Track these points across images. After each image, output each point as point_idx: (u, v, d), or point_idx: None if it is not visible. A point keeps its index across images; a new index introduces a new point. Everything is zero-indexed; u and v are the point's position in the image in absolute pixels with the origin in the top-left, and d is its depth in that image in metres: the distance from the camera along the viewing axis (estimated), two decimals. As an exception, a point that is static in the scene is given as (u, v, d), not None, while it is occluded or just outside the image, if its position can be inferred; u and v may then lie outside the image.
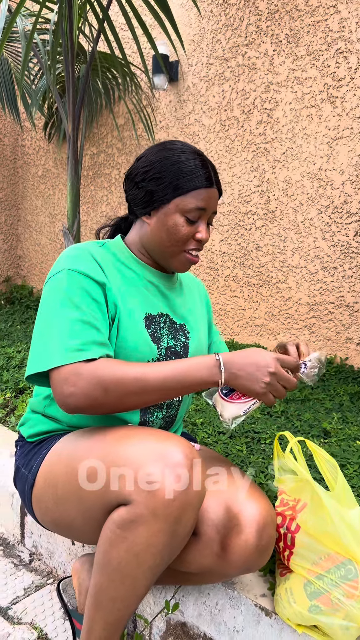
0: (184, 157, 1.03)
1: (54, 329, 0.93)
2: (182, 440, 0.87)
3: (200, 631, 1.09)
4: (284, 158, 2.88)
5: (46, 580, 1.39)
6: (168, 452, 0.83)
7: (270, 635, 1.00)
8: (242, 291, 3.17)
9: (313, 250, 2.81)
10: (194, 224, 1.05)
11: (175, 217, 1.03)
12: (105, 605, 0.88)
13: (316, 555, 0.98)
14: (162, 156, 1.04)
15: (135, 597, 0.87)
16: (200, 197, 1.03)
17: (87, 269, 0.99)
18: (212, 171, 1.06)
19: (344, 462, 1.60)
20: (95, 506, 0.88)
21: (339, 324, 2.75)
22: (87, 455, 0.91)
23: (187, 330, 1.15)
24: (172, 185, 1.02)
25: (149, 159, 1.05)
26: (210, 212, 1.07)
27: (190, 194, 1.02)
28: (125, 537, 0.82)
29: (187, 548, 0.95)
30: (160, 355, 1.07)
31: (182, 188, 1.02)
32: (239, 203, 3.10)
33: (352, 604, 0.92)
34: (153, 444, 0.85)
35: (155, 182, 1.03)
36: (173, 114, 3.39)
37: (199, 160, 1.04)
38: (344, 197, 2.66)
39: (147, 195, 1.04)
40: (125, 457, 0.84)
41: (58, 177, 4.26)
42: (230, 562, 0.94)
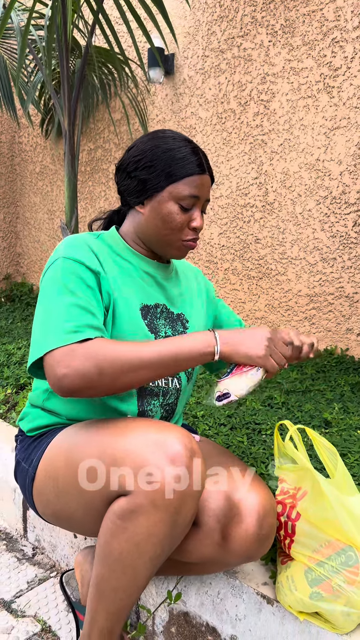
0: (176, 145, 1.03)
1: (51, 316, 0.93)
2: (182, 431, 0.87)
3: (203, 620, 1.10)
4: (281, 149, 2.87)
5: (49, 574, 1.40)
6: (167, 442, 0.83)
7: (272, 623, 1.00)
8: (241, 284, 3.16)
9: (312, 242, 2.80)
10: (188, 211, 1.04)
11: (169, 205, 1.03)
12: (107, 596, 0.88)
13: (317, 543, 0.98)
14: (153, 144, 1.04)
15: (136, 587, 0.87)
16: (193, 184, 1.03)
17: (82, 256, 0.99)
18: (203, 158, 1.06)
19: (345, 452, 1.60)
20: (95, 498, 0.88)
21: (339, 314, 2.75)
22: (87, 448, 0.91)
23: (185, 320, 1.15)
24: (164, 173, 1.02)
25: (140, 148, 1.05)
26: (204, 199, 1.06)
27: (183, 181, 1.02)
28: (125, 527, 0.82)
29: (188, 538, 0.96)
30: None
31: (175, 175, 1.02)
32: (237, 196, 3.10)
33: (353, 590, 0.92)
34: (152, 435, 0.85)
35: (147, 170, 1.03)
36: (169, 108, 3.38)
37: (190, 147, 1.04)
38: (342, 187, 2.65)
39: (140, 184, 1.04)
40: (125, 449, 0.84)
41: (56, 174, 4.25)
42: (231, 551, 0.94)
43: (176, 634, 1.14)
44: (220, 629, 1.07)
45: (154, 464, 0.81)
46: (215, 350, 0.94)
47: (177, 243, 1.07)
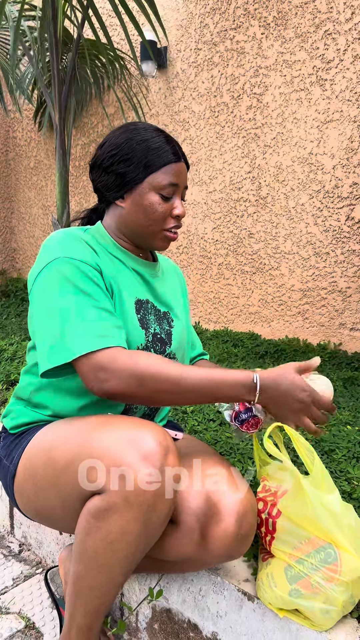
0: (149, 135, 1.03)
1: (67, 317, 0.92)
2: (157, 428, 0.86)
3: (185, 617, 1.10)
4: (274, 143, 2.85)
5: (35, 570, 1.40)
6: (141, 440, 0.83)
7: (253, 620, 1.00)
8: (235, 279, 3.15)
9: (305, 236, 2.79)
10: (169, 200, 1.04)
11: (150, 196, 1.02)
12: (84, 594, 0.88)
13: (297, 540, 0.97)
14: (127, 137, 1.03)
15: (113, 585, 0.87)
16: (171, 172, 1.03)
17: (82, 254, 0.98)
18: (177, 145, 1.06)
19: (333, 447, 1.60)
20: (72, 496, 0.88)
21: (332, 309, 2.74)
22: (64, 445, 0.91)
23: (170, 318, 1.15)
24: (142, 164, 1.01)
25: (114, 142, 1.04)
26: (182, 187, 1.06)
27: (161, 170, 1.02)
28: (99, 526, 0.82)
29: (166, 537, 0.95)
30: (147, 342, 1.06)
31: (153, 165, 1.02)
32: (231, 190, 3.08)
33: (332, 587, 0.91)
34: (126, 432, 0.84)
35: (124, 163, 1.02)
36: (162, 102, 3.35)
37: (163, 137, 1.04)
38: (335, 181, 2.64)
39: (118, 178, 1.03)
40: (99, 446, 0.84)
41: (50, 168, 4.23)
42: (210, 551, 0.93)
43: (159, 631, 1.14)
44: (202, 625, 1.07)
45: (127, 462, 0.81)
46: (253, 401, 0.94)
47: (160, 234, 1.06)
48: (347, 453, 1.57)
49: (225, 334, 3.06)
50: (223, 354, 2.70)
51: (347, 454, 1.57)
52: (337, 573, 0.92)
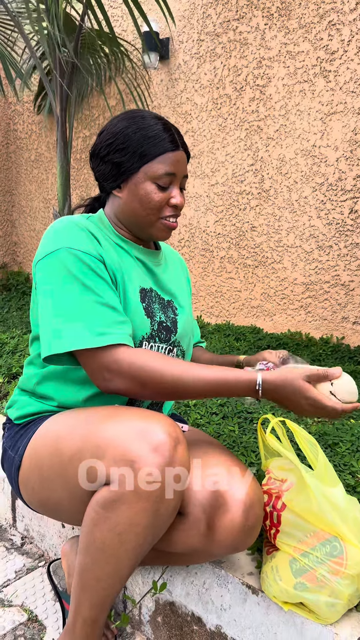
0: (146, 124, 1.01)
1: (71, 310, 0.92)
2: (166, 419, 0.85)
3: (189, 610, 1.09)
4: (277, 135, 2.83)
5: (37, 563, 1.39)
6: (151, 431, 0.82)
7: (257, 613, 1.00)
8: (237, 272, 3.13)
9: (308, 229, 2.77)
10: (166, 190, 1.03)
11: (146, 186, 1.01)
12: (90, 586, 0.87)
13: (302, 533, 0.96)
14: (123, 126, 1.01)
15: (119, 577, 0.86)
16: (168, 161, 1.01)
17: (86, 245, 0.97)
18: (176, 134, 1.04)
19: (336, 441, 1.59)
20: (79, 487, 0.87)
21: (335, 303, 2.73)
22: (71, 437, 0.90)
23: (174, 307, 1.14)
24: (137, 154, 1.00)
25: (111, 131, 1.03)
26: (181, 176, 1.05)
27: (157, 160, 1.00)
28: (108, 516, 0.81)
29: (173, 528, 0.95)
30: (152, 330, 1.06)
31: (148, 154, 1.00)
32: (233, 183, 3.06)
33: (337, 581, 0.91)
34: (135, 423, 0.83)
35: (120, 152, 1.01)
36: (165, 93, 3.33)
37: (161, 124, 1.02)
38: (339, 174, 2.62)
39: (114, 168, 1.02)
40: (108, 437, 0.83)
41: (51, 161, 4.20)
42: (217, 542, 0.93)
43: (162, 624, 1.14)
44: (206, 618, 1.06)
45: (136, 453, 0.80)
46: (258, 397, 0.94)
47: (157, 223, 1.05)
48: (350, 446, 1.56)
49: (227, 328, 3.05)
50: (225, 347, 2.69)
51: (351, 447, 1.56)
52: (343, 566, 0.91)
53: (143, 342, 1.03)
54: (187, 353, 1.17)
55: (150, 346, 1.05)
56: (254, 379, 0.92)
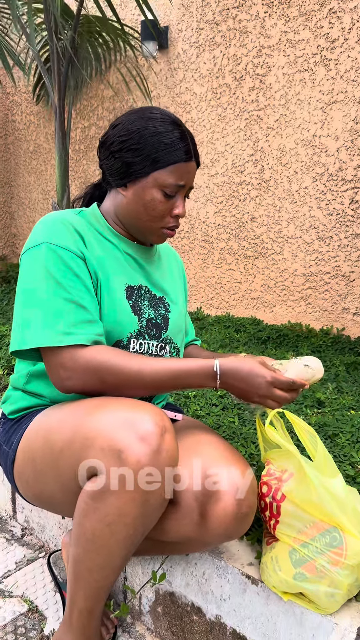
0: (164, 128, 0.99)
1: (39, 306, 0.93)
2: (153, 408, 0.85)
3: (188, 600, 1.09)
4: (277, 125, 2.80)
5: (38, 554, 1.39)
6: (137, 420, 0.82)
7: (257, 603, 1.00)
8: (237, 264, 3.12)
9: (308, 220, 2.75)
10: (172, 198, 1.02)
11: (153, 192, 1.00)
12: (84, 577, 0.87)
13: (302, 524, 0.96)
14: (140, 125, 0.99)
15: (112, 567, 0.87)
16: (179, 172, 1.00)
17: (66, 241, 0.96)
18: (191, 143, 1.02)
19: (336, 432, 1.59)
20: (71, 478, 0.87)
21: (335, 294, 2.72)
22: (61, 429, 0.90)
23: (167, 303, 1.13)
24: (150, 158, 0.98)
25: (127, 127, 1.00)
26: (188, 187, 1.04)
27: (169, 168, 0.99)
28: (97, 507, 0.82)
29: (165, 517, 0.95)
30: (141, 327, 1.05)
31: (161, 161, 0.99)
32: (233, 173, 3.04)
33: (337, 571, 0.91)
34: (123, 413, 0.84)
35: (133, 153, 0.99)
36: (164, 83, 3.30)
37: (179, 132, 1.00)
38: (339, 164, 2.60)
39: (123, 167, 1.01)
40: (96, 428, 0.83)
41: (50, 152, 4.18)
42: (210, 530, 0.93)
43: (162, 614, 1.14)
44: (205, 609, 1.07)
45: (123, 442, 0.80)
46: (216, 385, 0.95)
47: (157, 231, 1.06)
48: (350, 437, 1.56)
49: (227, 320, 3.05)
50: (225, 339, 2.68)
51: (351, 438, 1.56)
52: (343, 557, 0.91)
53: (131, 340, 1.03)
54: (181, 350, 1.17)
55: (139, 343, 1.05)
56: (212, 364, 0.94)
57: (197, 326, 3.00)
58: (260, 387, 0.93)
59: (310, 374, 1.00)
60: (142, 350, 1.06)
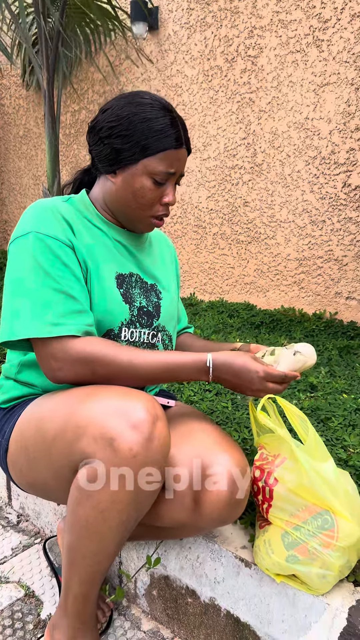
0: (154, 114, 0.97)
1: (27, 296, 0.92)
2: (145, 396, 0.85)
3: (183, 584, 1.11)
4: (269, 108, 2.78)
5: (34, 540, 1.41)
6: (129, 408, 0.82)
7: (250, 586, 1.01)
8: (230, 249, 3.11)
9: (301, 204, 2.74)
10: (162, 186, 1.01)
11: (143, 179, 0.99)
12: (78, 563, 0.88)
13: (294, 507, 0.97)
14: (130, 111, 0.98)
15: (105, 554, 0.87)
16: (169, 159, 0.99)
17: (54, 230, 0.95)
18: (182, 129, 1.01)
19: (329, 416, 1.60)
20: (63, 466, 0.88)
21: (328, 278, 2.72)
22: (53, 417, 0.90)
23: (158, 290, 1.13)
24: (140, 145, 0.97)
25: (116, 113, 0.99)
26: (179, 174, 1.03)
27: (159, 156, 0.98)
28: (90, 494, 0.82)
29: (159, 503, 0.95)
30: (132, 316, 1.05)
31: (151, 148, 0.97)
32: (225, 157, 3.01)
33: (328, 553, 0.92)
34: (114, 401, 0.84)
35: (122, 139, 0.98)
36: (154, 65, 3.25)
37: (169, 118, 0.98)
38: (332, 147, 2.58)
39: (112, 153, 0.99)
40: (87, 416, 0.83)
41: (40, 137, 4.12)
42: (204, 516, 0.93)
43: (157, 597, 1.16)
44: (200, 591, 1.08)
45: (115, 430, 0.80)
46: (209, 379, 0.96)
47: (146, 219, 1.05)
48: (343, 421, 1.57)
49: (221, 305, 3.04)
50: (219, 324, 2.69)
51: (343, 421, 1.57)
52: (334, 539, 0.92)
53: (122, 328, 1.03)
54: (173, 337, 1.17)
55: (131, 332, 1.04)
56: (204, 358, 0.95)
57: (190, 312, 3.00)
58: (252, 382, 0.94)
59: (302, 362, 1.01)
60: (133, 339, 1.06)
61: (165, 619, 1.15)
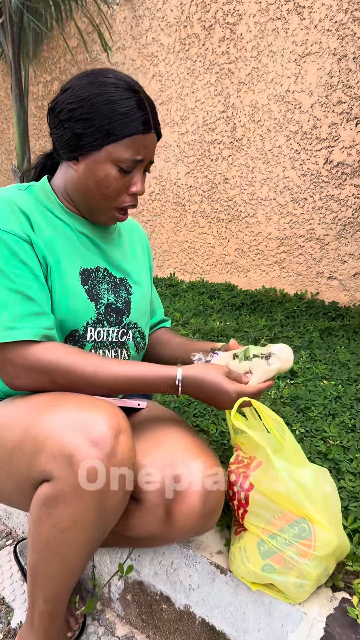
0: (118, 96, 0.88)
1: None
2: (108, 408, 0.80)
3: (157, 590, 1.07)
4: (249, 80, 2.66)
5: (5, 542, 1.36)
6: (90, 421, 0.77)
7: (225, 593, 0.98)
8: (210, 227, 3.03)
9: (282, 181, 2.66)
10: (128, 174, 0.92)
11: (107, 167, 0.91)
12: (42, 582, 0.84)
13: (270, 514, 0.93)
14: (91, 92, 0.88)
15: (69, 572, 0.83)
16: (136, 145, 0.90)
17: (10, 224, 0.88)
18: (151, 112, 0.92)
19: (309, 405, 1.56)
20: (24, 481, 0.82)
21: (310, 258, 2.66)
22: (12, 425, 0.85)
23: (128, 285, 1.06)
24: (103, 130, 0.88)
25: (77, 94, 0.89)
26: (147, 161, 0.94)
27: (124, 141, 0.89)
28: (50, 514, 0.77)
29: (129, 514, 0.91)
30: (99, 314, 0.98)
31: (115, 134, 0.89)
32: (204, 131, 2.90)
33: (305, 562, 0.88)
34: (75, 413, 0.78)
35: (83, 123, 0.89)
36: (129, 33, 3.09)
37: (135, 100, 0.89)
38: (313, 121, 2.49)
39: (73, 138, 0.90)
40: (46, 429, 0.77)
41: (11, 109, 3.94)
42: (175, 527, 0.89)
43: (132, 602, 1.12)
44: (174, 598, 1.05)
45: (74, 446, 0.75)
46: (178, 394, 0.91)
47: (110, 211, 0.97)
48: (322, 410, 1.54)
49: (201, 286, 2.98)
50: (199, 306, 2.62)
51: (323, 411, 1.54)
52: (311, 548, 0.89)
53: (88, 328, 0.96)
54: (146, 333, 1.10)
55: (97, 332, 0.98)
56: (174, 374, 0.89)
57: (170, 293, 2.93)
58: (224, 402, 0.91)
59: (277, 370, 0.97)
60: (100, 338, 1.00)
61: (140, 623, 1.12)
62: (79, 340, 0.97)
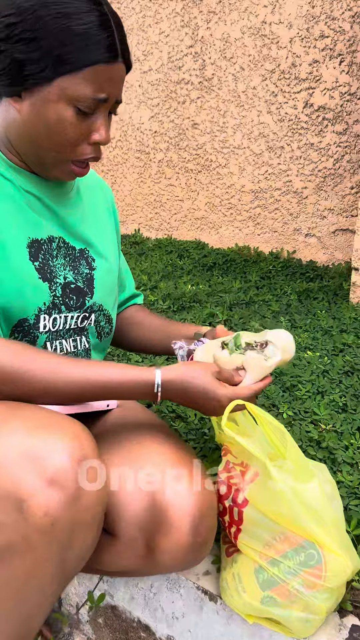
0: (74, 8, 0.65)
1: None
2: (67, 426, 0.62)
3: (134, 616, 0.92)
4: (220, 8, 2.35)
5: None
6: (45, 451, 0.59)
7: (216, 623, 0.84)
8: (178, 178, 2.77)
9: (257, 127, 2.42)
10: (89, 117, 0.70)
11: (60, 108, 0.68)
12: None
13: (269, 535, 0.78)
14: (37, 1, 0.64)
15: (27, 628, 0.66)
16: (99, 79, 0.68)
17: None
18: (118, 33, 0.68)
19: (295, 382, 1.42)
20: None
21: (287, 213, 2.46)
22: None
23: (90, 258, 0.85)
24: (53, 56, 0.65)
25: (17, 3, 0.65)
26: (114, 99, 0.71)
27: (82, 73, 0.67)
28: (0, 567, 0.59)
29: (103, 550, 0.74)
30: (54, 297, 0.78)
31: (70, 62, 0.66)
32: (170, 69, 2.60)
33: (313, 595, 0.74)
34: (24, 439, 0.60)
35: (26, 45, 0.65)
36: None
37: (97, 15, 0.66)
38: (292, 58, 2.23)
39: (14, 66, 0.67)
40: None
41: None
42: (159, 563, 0.73)
43: (104, 625, 0.97)
44: (155, 627, 0.90)
45: (26, 489, 0.57)
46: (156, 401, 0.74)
47: (63, 166, 0.74)
48: (310, 388, 1.39)
49: (169, 244, 2.75)
50: (167, 267, 2.42)
51: (311, 388, 1.39)
52: (322, 578, 0.74)
53: (41, 316, 0.76)
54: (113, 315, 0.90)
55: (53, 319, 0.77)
56: (151, 379, 0.71)
57: (135, 252, 2.70)
58: (213, 409, 0.75)
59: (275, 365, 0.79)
60: (56, 327, 0.79)
61: (115, 649, 0.98)
62: (29, 332, 0.76)
